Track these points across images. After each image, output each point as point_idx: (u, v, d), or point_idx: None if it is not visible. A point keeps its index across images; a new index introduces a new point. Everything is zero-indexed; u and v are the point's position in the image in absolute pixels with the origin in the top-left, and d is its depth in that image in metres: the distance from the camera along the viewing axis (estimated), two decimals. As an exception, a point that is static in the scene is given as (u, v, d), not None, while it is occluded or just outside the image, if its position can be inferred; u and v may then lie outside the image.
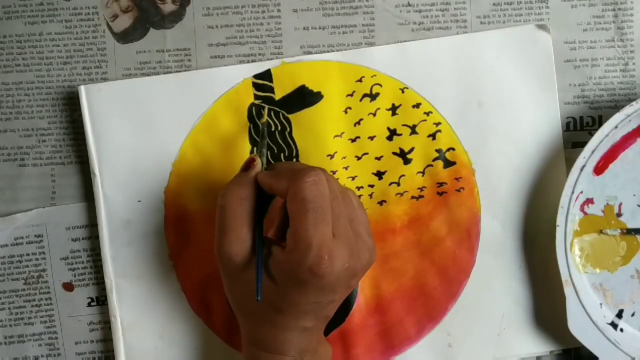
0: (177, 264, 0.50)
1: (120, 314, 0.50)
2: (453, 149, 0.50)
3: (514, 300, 0.50)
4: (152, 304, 0.50)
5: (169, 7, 0.51)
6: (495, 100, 0.50)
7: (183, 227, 0.50)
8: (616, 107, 0.50)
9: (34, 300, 0.51)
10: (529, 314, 0.50)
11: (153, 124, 0.50)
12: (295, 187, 0.40)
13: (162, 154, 0.50)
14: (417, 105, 0.50)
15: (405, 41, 0.51)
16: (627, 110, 0.47)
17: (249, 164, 0.44)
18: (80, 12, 0.51)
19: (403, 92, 0.50)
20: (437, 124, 0.50)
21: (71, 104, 0.51)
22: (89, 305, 0.51)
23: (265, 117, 0.50)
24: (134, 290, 0.50)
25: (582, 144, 0.48)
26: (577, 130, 0.51)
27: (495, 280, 0.50)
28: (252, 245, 0.42)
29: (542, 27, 0.50)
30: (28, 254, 0.51)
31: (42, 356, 0.51)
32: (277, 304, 0.41)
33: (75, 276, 0.51)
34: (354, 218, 0.42)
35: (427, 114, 0.50)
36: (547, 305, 0.50)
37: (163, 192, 0.50)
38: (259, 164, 0.44)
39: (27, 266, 0.51)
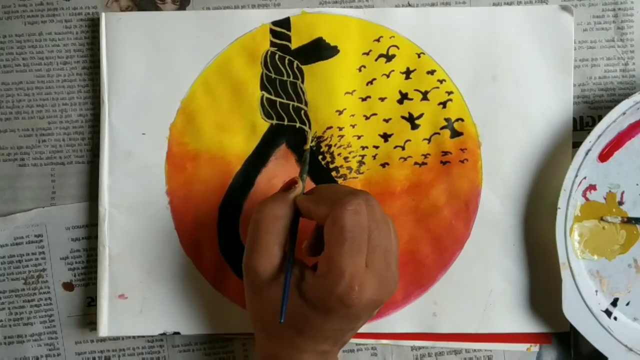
0: (173, 202, 0.50)
1: (109, 244, 0.50)
2: (462, 119, 0.50)
3: (503, 277, 0.50)
4: (143, 238, 0.50)
5: (169, 7, 0.51)
6: (510, 76, 0.50)
7: (184, 166, 0.50)
8: (616, 107, 0.50)
9: (33, 300, 0.51)
10: (517, 293, 0.50)
11: (167, 58, 0.50)
12: (336, 214, 0.39)
13: (172, 90, 0.50)
14: (432, 72, 0.50)
15: (427, 5, 0.51)
16: (636, 97, 0.46)
17: (290, 185, 0.44)
18: (80, 12, 0.51)
19: (419, 57, 0.50)
20: (449, 92, 0.50)
21: (71, 104, 0.51)
22: (89, 305, 0.51)
23: (309, 145, 0.50)
24: (127, 221, 0.50)
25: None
26: (577, 131, 0.50)
27: (487, 255, 0.50)
28: (280, 263, 0.42)
29: (565, 8, 0.50)
30: (28, 254, 0.51)
31: (42, 356, 0.51)
32: (300, 326, 0.41)
33: (75, 276, 0.51)
34: (389, 249, 0.41)
35: (441, 81, 0.50)
36: (537, 286, 0.50)
37: (168, 128, 0.50)
38: (300, 187, 0.44)
39: (27, 266, 0.51)
